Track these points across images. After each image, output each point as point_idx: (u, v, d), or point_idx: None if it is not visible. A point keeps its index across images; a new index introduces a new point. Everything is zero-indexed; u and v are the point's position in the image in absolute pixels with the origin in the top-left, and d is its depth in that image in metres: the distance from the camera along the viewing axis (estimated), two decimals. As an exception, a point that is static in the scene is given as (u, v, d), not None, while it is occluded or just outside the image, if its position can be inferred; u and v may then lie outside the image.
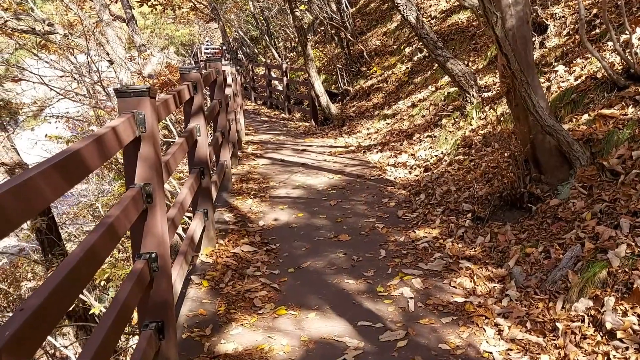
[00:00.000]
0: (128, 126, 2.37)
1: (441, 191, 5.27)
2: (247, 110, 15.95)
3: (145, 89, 2.54)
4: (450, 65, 6.75)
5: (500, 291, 3.37)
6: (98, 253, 1.87)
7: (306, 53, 11.88)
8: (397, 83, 11.47)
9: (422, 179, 5.94)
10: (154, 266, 2.58)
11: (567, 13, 6.61)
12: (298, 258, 4.14)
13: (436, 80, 9.49)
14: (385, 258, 4.04)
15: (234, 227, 4.81)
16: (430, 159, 6.61)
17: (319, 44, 17.78)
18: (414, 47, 12.23)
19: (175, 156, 3.31)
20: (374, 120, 10.29)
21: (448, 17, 11.99)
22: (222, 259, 4.08)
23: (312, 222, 4.95)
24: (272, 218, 5.09)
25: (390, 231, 4.58)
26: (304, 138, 10.51)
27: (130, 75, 9.32)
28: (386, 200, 5.45)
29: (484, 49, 8.88)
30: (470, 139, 6.10)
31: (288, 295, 3.54)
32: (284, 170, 7.19)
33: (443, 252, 4.05)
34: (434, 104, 8.30)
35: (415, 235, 4.43)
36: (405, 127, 8.49)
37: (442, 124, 7.27)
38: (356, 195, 5.73)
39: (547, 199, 4.07)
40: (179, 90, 3.62)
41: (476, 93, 6.76)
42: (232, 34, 26.20)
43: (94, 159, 1.87)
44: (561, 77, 5.54)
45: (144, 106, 2.56)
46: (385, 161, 7.32)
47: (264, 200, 5.66)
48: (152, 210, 2.59)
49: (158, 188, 2.63)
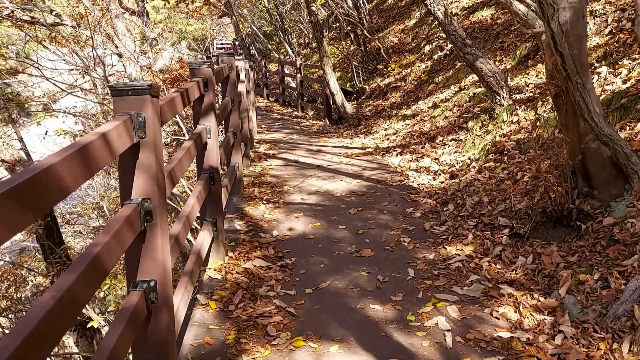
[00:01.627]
0: (123, 131, 1.95)
1: (472, 202, 4.81)
2: (260, 108, 15.56)
3: (146, 86, 2.13)
4: (479, 64, 6.28)
5: (552, 326, 2.93)
6: (76, 299, 1.46)
7: (322, 49, 11.45)
8: (417, 82, 11.00)
9: (448, 187, 5.49)
10: (152, 296, 2.17)
11: (608, 10, 6.11)
12: (316, 276, 3.72)
13: (459, 80, 9.02)
14: (415, 279, 3.60)
15: (245, 238, 4.39)
16: (456, 165, 6.15)
17: (334, 41, 17.33)
18: (434, 44, 11.75)
19: (181, 163, 2.90)
20: (391, 120, 9.84)
21: (471, 15, 11.49)
22: (232, 275, 3.67)
23: (331, 233, 4.52)
24: (286, 227, 4.67)
25: (418, 246, 4.15)
26: (318, 138, 10.08)
27: (139, 70, 8.93)
28: (411, 209, 5.01)
29: (511, 48, 8.40)
30: (501, 144, 5.64)
31: (306, 322, 3.12)
32: (298, 172, 6.77)
33: (480, 274, 3.60)
34: (457, 105, 7.83)
35: (447, 253, 3.98)
36: (427, 128, 8.04)
37: (468, 127, 6.81)
38: (378, 203, 5.29)
39: (598, 217, 3.61)
40: (187, 87, 3.20)
41: (507, 94, 6.29)
42: (245, 30, 25.80)
43: (70, 179, 1.45)
44: (605, 79, 5.06)
45: (144, 107, 2.14)
46: (406, 165, 6.87)
47: (278, 207, 5.25)
48: (151, 230, 2.18)
49: (160, 203, 2.21)
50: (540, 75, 6.44)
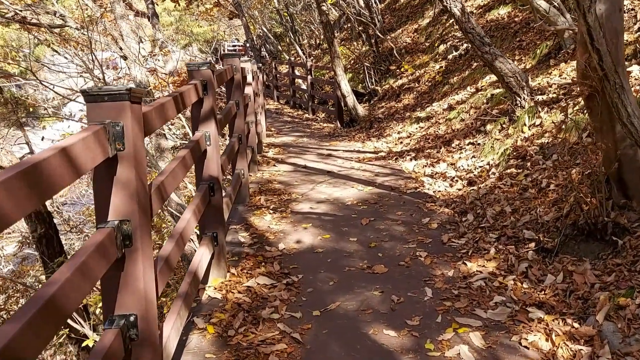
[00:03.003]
0: (94, 144, 1.67)
1: (493, 212, 4.47)
2: (270, 110, 15.31)
3: (124, 90, 1.84)
4: (498, 64, 5.94)
5: (589, 358, 2.59)
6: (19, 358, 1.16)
7: (333, 50, 11.15)
8: (431, 83, 10.65)
9: (467, 195, 5.15)
10: (132, 333, 1.88)
11: (637, 5, 5.74)
12: (325, 296, 3.41)
13: (475, 80, 8.67)
14: (433, 299, 3.28)
15: (249, 251, 4.10)
16: (475, 170, 5.81)
17: (345, 41, 17.02)
18: (448, 44, 11.39)
19: (174, 175, 2.61)
20: (405, 123, 9.50)
21: (486, 13, 11.12)
22: (233, 295, 3.37)
23: (341, 246, 4.21)
24: (294, 240, 4.37)
25: (436, 262, 3.82)
26: (329, 141, 9.78)
27: (145, 73, 8.69)
28: (427, 220, 4.68)
29: (531, 47, 8.03)
30: (523, 149, 5.29)
31: (313, 350, 2.81)
32: (307, 179, 6.47)
33: (505, 295, 3.27)
34: (474, 107, 7.48)
35: (467, 269, 3.65)
36: (442, 132, 7.69)
37: (486, 130, 6.46)
38: (391, 212, 4.97)
39: (637, 231, 3.26)
40: (182, 91, 2.91)
41: (528, 96, 5.94)
42: (256, 31, 25.60)
43: (11, 206, 1.16)
44: (637, 78, 4.70)
45: (122, 114, 1.85)
46: (421, 171, 6.54)
47: (285, 217, 4.95)
48: (131, 256, 1.89)
49: (141, 224, 1.92)
50: (563, 75, 6.08)
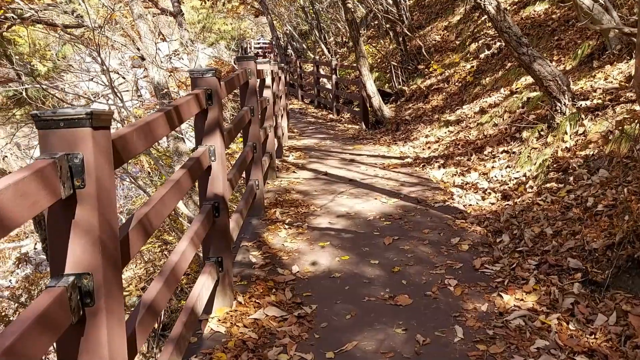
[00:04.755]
0: (38, 184, 1.31)
1: (532, 233, 4.01)
2: (293, 110, 14.97)
3: (83, 115, 1.48)
4: (537, 66, 5.44)
5: None
6: None
7: (358, 49, 10.74)
8: (461, 84, 10.14)
9: (501, 211, 4.70)
10: (95, 413, 1.53)
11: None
12: (341, 332, 3.02)
13: (510, 82, 8.14)
14: (464, 342, 2.86)
15: (260, 274, 3.74)
16: (509, 182, 5.34)
17: (371, 39, 16.56)
18: (480, 42, 10.84)
19: (163, 203, 2.25)
20: (433, 126, 9.03)
21: (521, 10, 10.53)
22: (239, 329, 3.02)
23: (361, 270, 3.82)
24: (309, 261, 4.00)
25: (467, 293, 3.39)
26: (352, 144, 9.38)
27: (164, 73, 8.43)
28: (457, 240, 4.25)
29: (570, 46, 7.47)
30: (565, 160, 4.80)
31: (324, 405, 2.44)
32: (328, 188, 6.08)
33: (548, 338, 2.83)
34: (509, 111, 6.97)
35: (503, 304, 3.22)
36: (473, 137, 7.21)
37: (522, 138, 5.97)
38: (417, 230, 4.55)
39: None
40: (178, 103, 2.56)
41: (569, 101, 5.43)
42: (282, 29, 25.30)
43: None
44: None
45: (82, 144, 1.50)
46: (450, 180, 6.09)
47: (302, 233, 4.58)
48: (93, 318, 1.54)
49: (108, 278, 1.57)
50: (609, 79, 5.55)
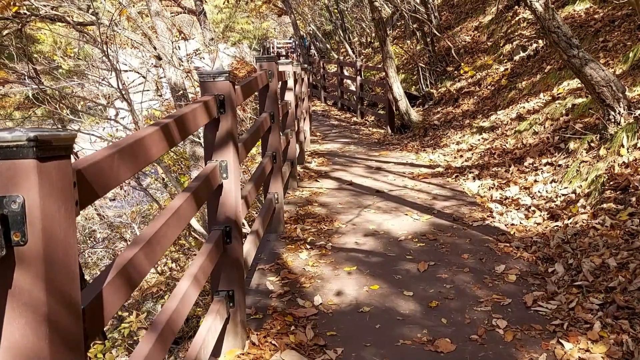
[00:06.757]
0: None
1: (591, 265, 3.47)
2: (316, 112, 14.52)
3: (24, 140, 1.03)
4: (589, 70, 4.87)
5: None
6: None
7: (385, 50, 10.23)
8: (494, 87, 9.55)
9: (550, 234, 4.15)
10: None
11: None
12: (371, 386, 2.54)
13: (549, 86, 7.55)
14: (522, 406, 2.36)
15: (277, 305, 3.28)
16: (556, 200, 4.79)
17: (398, 39, 16.01)
18: (514, 44, 10.23)
19: (158, 241, 1.80)
20: (464, 132, 8.48)
21: (559, 9, 9.90)
22: (251, 378, 2.56)
23: (393, 303, 3.33)
24: (333, 290, 3.52)
25: (520, 338, 2.88)
26: (378, 150, 8.87)
27: (181, 74, 8.04)
28: (502, 268, 3.73)
29: (619, 48, 6.85)
30: (624, 177, 4.23)
31: None
32: (353, 200, 5.60)
33: (627, 407, 2.31)
34: (551, 119, 6.40)
35: (565, 355, 2.70)
36: (511, 146, 6.65)
37: (568, 149, 5.40)
38: (455, 254, 4.04)
39: None
40: (180, 114, 2.11)
41: (625, 110, 4.85)
42: (306, 29, 24.88)
43: None
44: None
45: (22, 183, 1.05)
46: (487, 194, 5.56)
47: (325, 254, 4.10)
48: None
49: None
50: (672, 85, 4.96)
